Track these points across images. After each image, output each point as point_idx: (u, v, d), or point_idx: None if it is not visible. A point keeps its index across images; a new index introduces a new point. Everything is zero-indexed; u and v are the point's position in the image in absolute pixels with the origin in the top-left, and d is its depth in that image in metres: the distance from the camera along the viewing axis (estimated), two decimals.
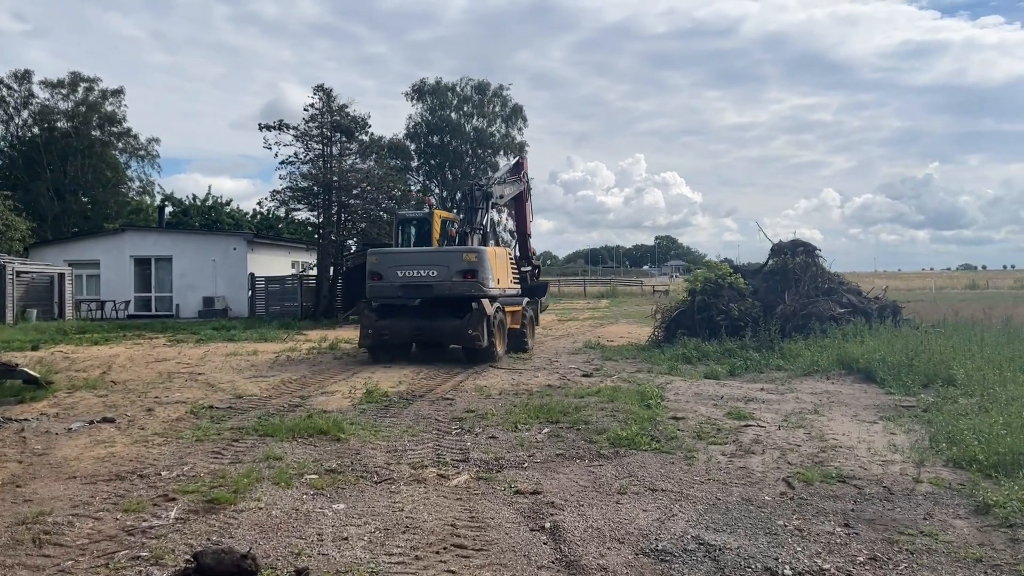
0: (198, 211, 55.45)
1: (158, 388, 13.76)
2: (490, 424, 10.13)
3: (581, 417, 10.38)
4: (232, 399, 12.58)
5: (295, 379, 14.94)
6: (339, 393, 13.06)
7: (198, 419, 10.75)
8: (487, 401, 12.06)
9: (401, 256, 18.00)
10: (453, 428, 9.98)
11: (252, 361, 18.09)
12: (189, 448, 8.84)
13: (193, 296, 35.22)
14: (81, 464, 8.14)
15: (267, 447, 8.74)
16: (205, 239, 37.62)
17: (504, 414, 10.78)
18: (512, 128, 54.79)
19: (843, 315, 18.63)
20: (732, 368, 15.50)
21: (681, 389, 13.23)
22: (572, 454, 8.53)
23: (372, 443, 9.02)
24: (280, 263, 38.93)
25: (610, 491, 7.14)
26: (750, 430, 9.77)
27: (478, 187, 19.82)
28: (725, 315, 19.05)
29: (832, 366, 14.94)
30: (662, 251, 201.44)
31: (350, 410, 11.34)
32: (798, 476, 7.56)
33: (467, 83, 54.15)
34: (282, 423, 9.87)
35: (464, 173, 54.28)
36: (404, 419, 10.58)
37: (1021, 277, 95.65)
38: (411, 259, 17.67)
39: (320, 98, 32.47)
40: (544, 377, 14.95)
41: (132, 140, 56.55)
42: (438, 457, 8.39)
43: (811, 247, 20.27)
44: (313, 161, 32.78)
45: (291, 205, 33.17)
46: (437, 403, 11.92)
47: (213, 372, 16.03)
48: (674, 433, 9.49)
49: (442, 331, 17.43)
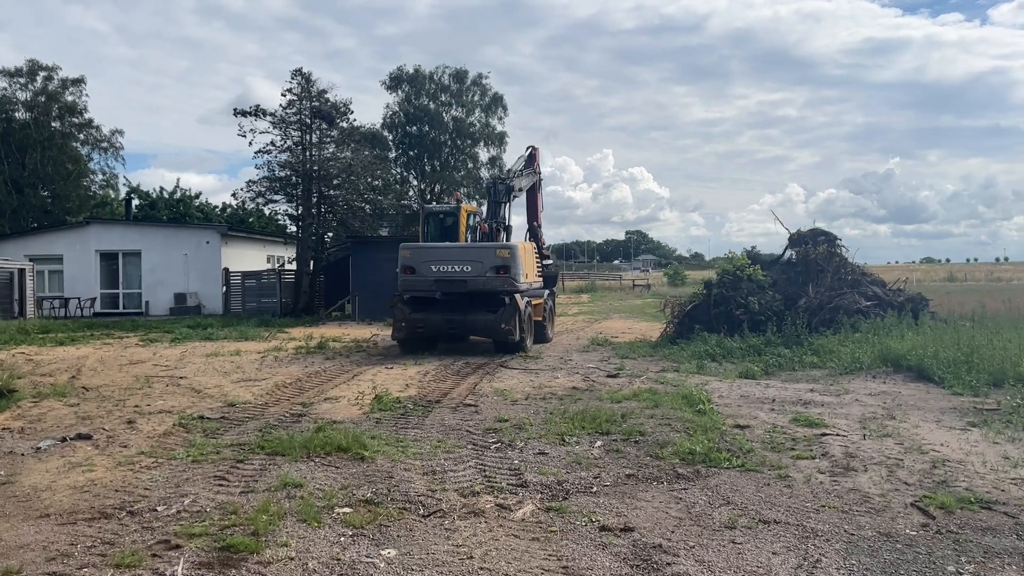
0: (166, 204, 53.20)
1: (137, 395, 12.22)
2: (531, 436, 8.79)
3: (633, 426, 9.09)
4: (224, 407, 11.10)
5: (290, 383, 13.47)
6: (344, 399, 11.64)
7: (189, 433, 9.28)
8: (515, 408, 10.71)
9: (435, 251, 17.95)
10: (491, 441, 8.63)
11: (236, 362, 16.55)
12: (185, 472, 7.38)
13: (164, 292, 33.32)
14: (55, 497, 6.66)
15: (280, 470, 7.32)
16: (176, 232, 35.65)
17: (543, 424, 9.46)
18: (492, 117, 53.25)
19: (869, 308, 17.55)
20: (766, 367, 14.33)
21: (722, 391, 12.00)
22: (644, 474, 7.23)
23: (403, 462, 7.64)
24: (255, 257, 37.16)
25: (715, 525, 5.85)
26: (831, 440, 8.54)
27: (501, 181, 19.93)
28: (745, 309, 17.90)
29: (875, 363, 13.82)
30: (633, 246, 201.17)
31: (363, 420, 9.93)
32: (927, 501, 6.34)
33: (444, 71, 52.48)
34: (291, 438, 8.44)
35: (443, 164, 52.70)
36: (430, 431, 9.20)
37: (992, 269, 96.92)
38: (446, 254, 17.65)
39: (299, 83, 30.73)
40: (564, 378, 13.64)
41: (94, 132, 53.81)
42: (487, 480, 7.04)
43: (832, 236, 19.20)
44: (291, 150, 31.08)
45: (268, 196, 31.40)
46: (460, 411, 10.56)
47: (196, 375, 14.49)
48: (747, 445, 8.24)
49: (475, 325, 17.73)
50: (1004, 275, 74.11)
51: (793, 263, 19.12)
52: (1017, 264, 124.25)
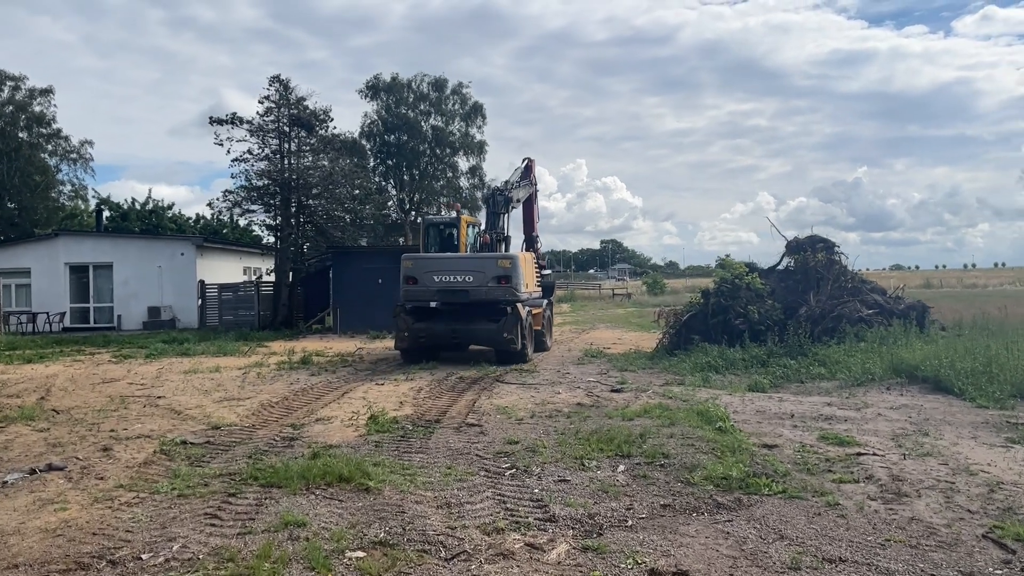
0: (138, 216, 51.83)
1: (112, 417, 11.38)
2: (547, 460, 8.13)
3: (654, 448, 8.46)
4: (207, 431, 10.32)
5: (276, 402, 12.69)
6: (337, 420, 10.90)
7: (172, 461, 8.51)
8: (522, 427, 10.04)
9: (437, 261, 18.18)
10: (504, 467, 7.95)
11: (217, 380, 15.72)
12: (171, 508, 6.63)
13: (136, 306, 32.22)
14: (24, 542, 5.88)
15: (278, 505, 6.59)
16: (149, 244, 34.52)
17: (557, 446, 8.80)
18: (472, 127, 52.55)
19: (871, 317, 17.11)
20: (773, 379, 13.81)
21: (735, 406, 11.42)
22: (681, 504, 6.60)
23: (413, 493, 6.94)
24: (231, 269, 36.14)
25: (776, 566, 5.22)
26: (869, 461, 7.97)
27: (499, 192, 20.24)
28: (744, 318, 17.40)
29: (887, 374, 13.34)
30: (608, 255, 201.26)
31: (361, 444, 9.21)
32: (1000, 532, 5.77)
33: (423, 79, 51.72)
34: (286, 467, 7.70)
35: (423, 173, 51.92)
36: (436, 455, 8.51)
37: (963, 276, 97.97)
38: (448, 264, 17.87)
39: (276, 90, 29.93)
40: (566, 393, 13.00)
41: (63, 142, 52.53)
42: (510, 514, 6.37)
43: (830, 243, 18.76)
44: (269, 158, 30.23)
45: (245, 206, 30.51)
46: (464, 431, 9.86)
47: (175, 395, 13.66)
48: (781, 467, 7.65)
49: (478, 334, 17.94)
50: (977, 281, 74.84)
51: (791, 271, 18.67)
52: (986, 271, 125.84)
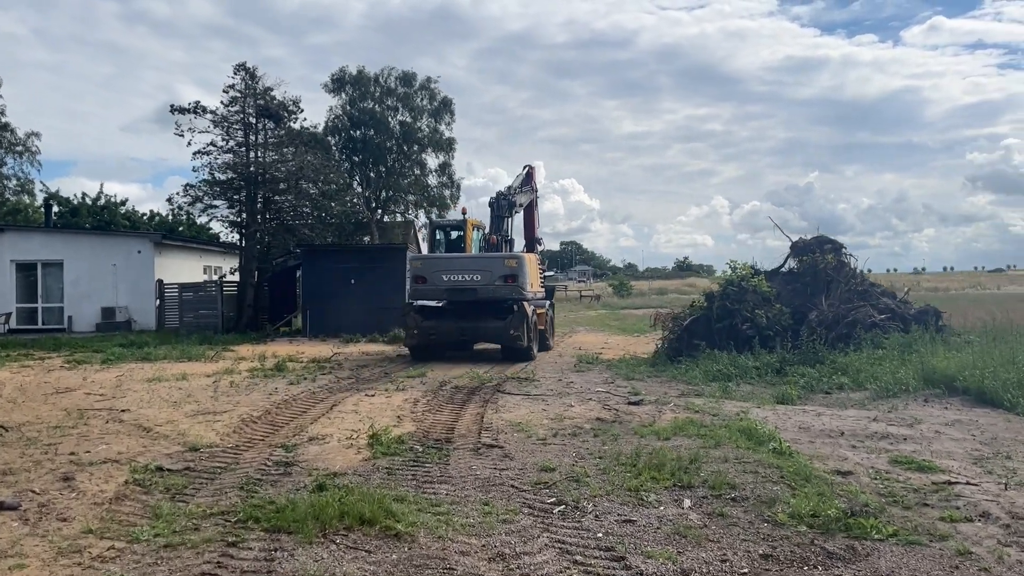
0: (89, 211, 49.36)
1: (70, 436, 9.93)
2: (597, 493, 6.96)
3: (715, 476, 7.35)
4: (184, 453, 8.96)
5: (258, 417, 11.33)
6: (332, 438, 9.60)
7: (148, 494, 7.17)
8: (549, 449, 8.87)
9: (446, 261, 18.99)
10: (548, 502, 6.77)
11: (186, 389, 14.27)
12: (158, 565, 5.31)
13: (89, 306, 30.26)
14: None
15: (293, 560, 5.33)
16: (103, 241, 32.51)
17: (600, 473, 7.64)
18: (440, 123, 51.14)
19: (884, 322, 16.29)
20: (797, 390, 12.84)
21: (772, 421, 10.38)
22: (783, 554, 5.49)
23: (454, 540, 5.73)
24: (191, 268, 34.28)
25: None
26: (966, 492, 6.96)
27: (504, 197, 20.74)
28: (751, 323, 16.44)
29: (920, 385, 12.46)
30: (569, 256, 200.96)
31: (370, 470, 7.94)
32: None
33: (391, 74, 50.18)
34: (292, 505, 6.41)
35: (389, 170, 50.37)
36: (463, 486, 7.29)
37: (916, 279, 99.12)
38: (456, 264, 18.53)
39: (242, 79, 28.29)
40: (580, 406, 11.85)
41: (8, 135, 49.96)
42: (583, 570, 5.19)
43: (838, 244, 17.93)
44: (234, 151, 28.59)
45: (207, 201, 28.82)
46: (484, 454, 8.65)
47: (141, 407, 12.21)
48: (873, 502, 6.59)
49: (485, 331, 18.56)
50: (928, 285, 75.60)
51: (797, 273, 17.78)
52: (937, 275, 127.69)
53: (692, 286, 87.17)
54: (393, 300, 26.24)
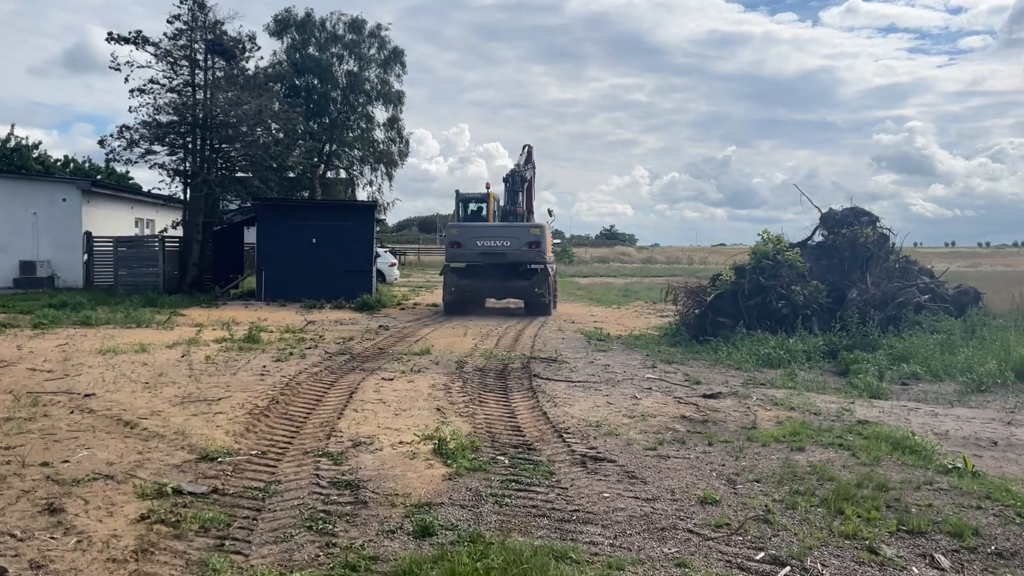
0: None
1: (31, 434, 7.64)
2: (809, 543, 5.18)
3: (941, 516, 5.70)
4: (196, 462, 6.83)
5: (265, 407, 9.16)
6: (384, 442, 7.59)
7: (180, 537, 5.07)
8: (672, 465, 7.07)
9: (480, 229, 21.67)
10: (756, 558, 4.96)
11: (152, 366, 11.93)
12: None
13: (6, 260, 26.89)
14: None
15: None
16: (20, 186, 28.88)
17: (786, 510, 5.86)
18: (390, 74, 48.14)
19: (927, 303, 15.06)
20: (876, 381, 11.39)
21: (892, 423, 8.85)
22: None
23: None
24: (122, 221, 31.02)
25: None
26: None
27: (517, 174, 23.74)
28: (787, 301, 14.96)
29: (1011, 376, 11.16)
30: None
31: (467, 499, 5.99)
32: None
33: (339, 19, 46.78)
34: (415, 566, 4.45)
35: (333, 122, 47.22)
36: (620, 529, 5.42)
37: None
38: (488, 232, 21.43)
39: (189, 8, 25.12)
40: (646, 399, 10.09)
41: None
42: None
43: (874, 217, 16.53)
44: (179, 90, 25.50)
45: (146, 146, 25.69)
46: (596, 471, 6.77)
47: (108, 391, 9.88)
48: None
49: (513, 289, 21.36)
50: None
51: (830, 247, 16.34)
52: None
53: (626, 255, 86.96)
54: (361, 262, 23.97)
